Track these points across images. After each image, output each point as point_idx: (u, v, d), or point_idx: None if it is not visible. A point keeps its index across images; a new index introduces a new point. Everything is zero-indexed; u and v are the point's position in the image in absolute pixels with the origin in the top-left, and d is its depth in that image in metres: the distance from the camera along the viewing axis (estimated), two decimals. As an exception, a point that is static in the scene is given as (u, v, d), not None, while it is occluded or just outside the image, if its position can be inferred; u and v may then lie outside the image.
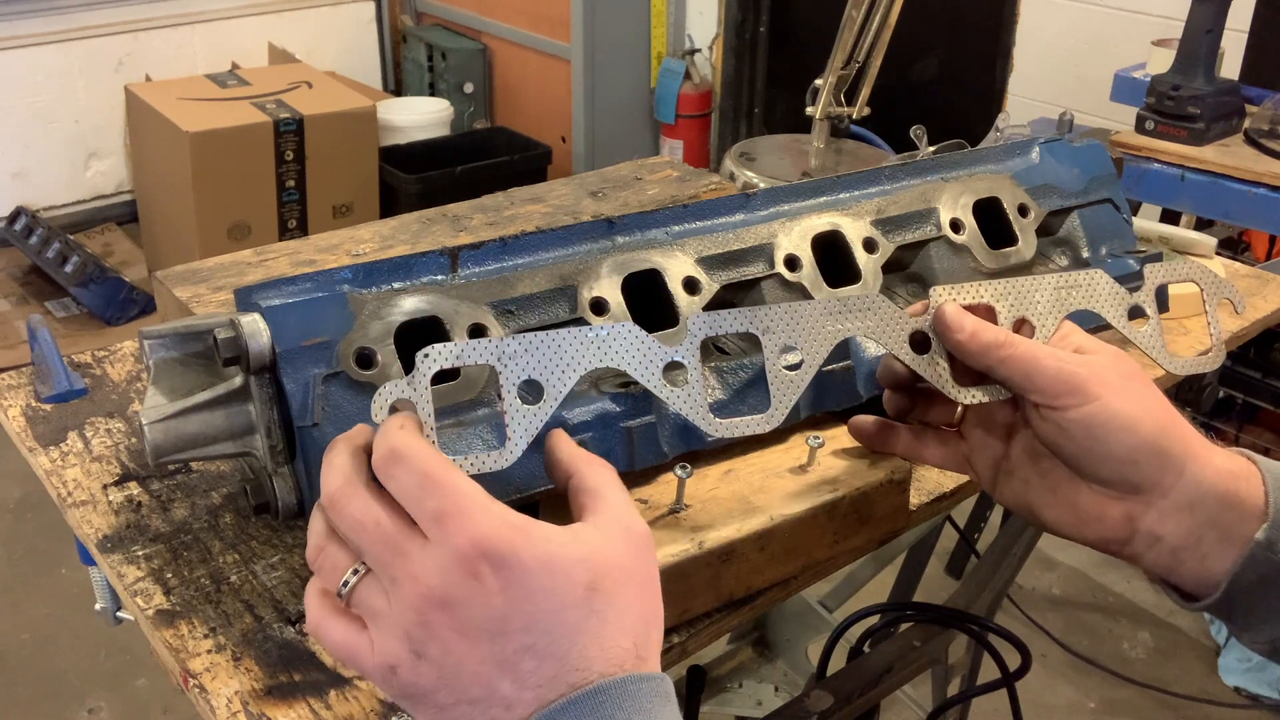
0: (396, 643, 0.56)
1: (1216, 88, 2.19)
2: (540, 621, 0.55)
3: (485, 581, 0.55)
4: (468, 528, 0.55)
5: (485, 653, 0.55)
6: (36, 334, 1.01)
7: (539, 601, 0.55)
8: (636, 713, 0.54)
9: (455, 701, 0.56)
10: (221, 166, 3.52)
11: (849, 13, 1.52)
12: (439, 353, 0.61)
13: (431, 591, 0.55)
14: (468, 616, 0.55)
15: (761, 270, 0.88)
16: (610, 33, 4.16)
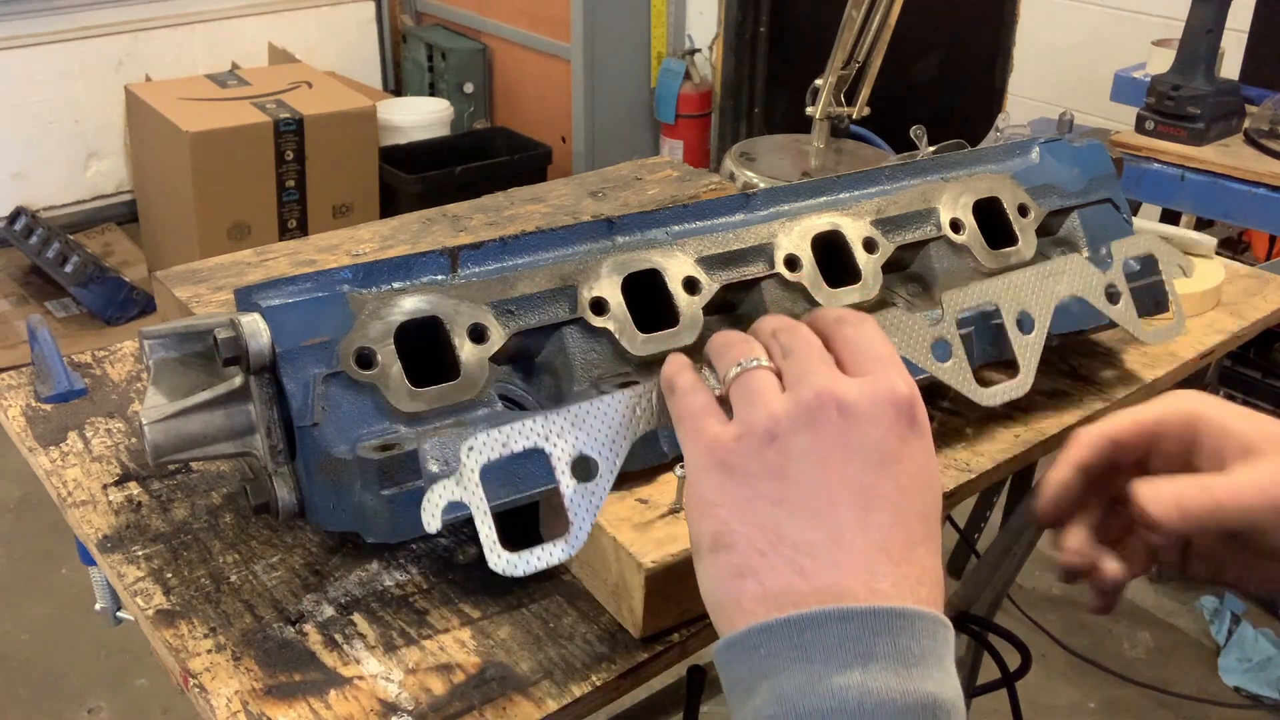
0: (760, 416, 0.54)
1: (1216, 88, 2.19)
2: (914, 491, 0.54)
3: (895, 423, 0.53)
4: (906, 381, 0.55)
5: (858, 474, 0.53)
6: (36, 334, 1.01)
7: (922, 477, 0.54)
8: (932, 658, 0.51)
9: (782, 497, 0.53)
10: (221, 166, 3.52)
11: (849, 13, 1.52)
12: (483, 444, 0.58)
13: (844, 394, 0.53)
14: (865, 431, 0.53)
15: (761, 270, 0.88)
16: (610, 33, 4.16)
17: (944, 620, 0.53)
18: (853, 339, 0.57)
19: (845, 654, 0.50)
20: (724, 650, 0.53)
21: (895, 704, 0.49)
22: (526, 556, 0.59)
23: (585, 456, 0.60)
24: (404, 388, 0.74)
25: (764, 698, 0.51)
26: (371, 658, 0.73)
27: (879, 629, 0.51)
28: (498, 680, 0.71)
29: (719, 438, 0.55)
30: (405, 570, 0.81)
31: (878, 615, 0.51)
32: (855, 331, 0.58)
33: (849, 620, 0.51)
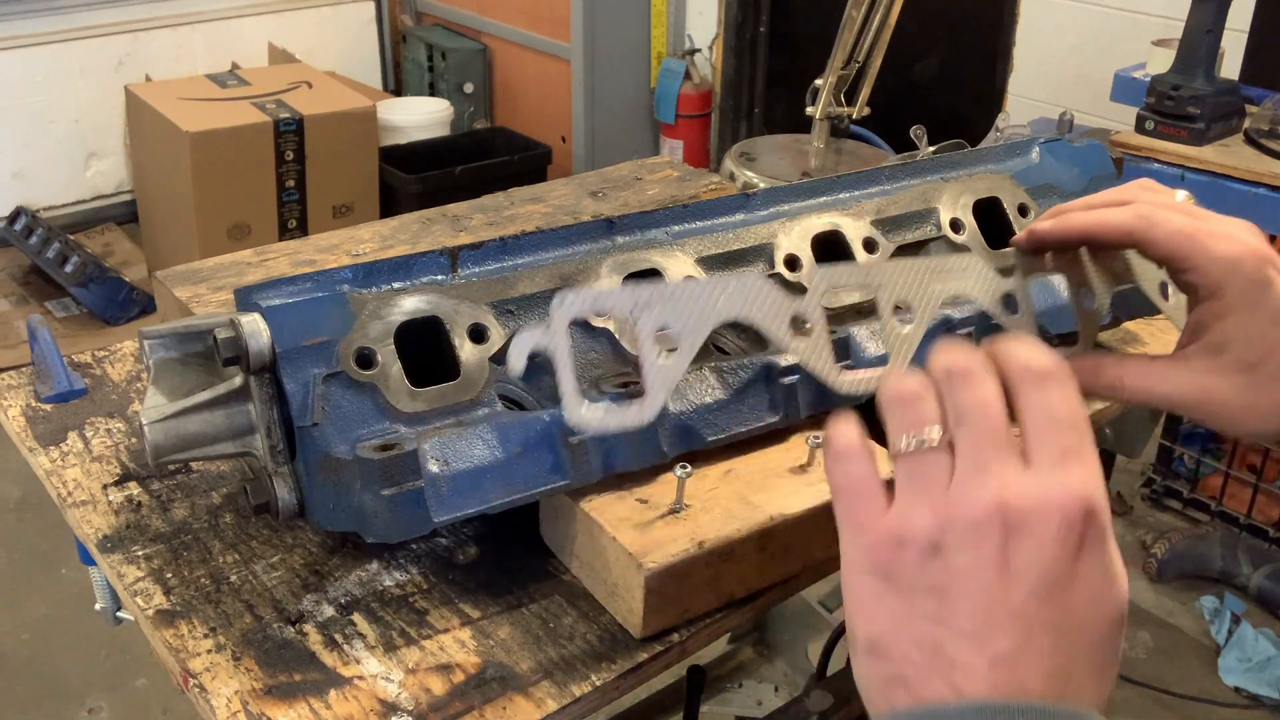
0: (924, 523, 0.51)
1: (1216, 88, 2.19)
2: (1080, 614, 0.50)
3: (1069, 535, 0.50)
4: (1090, 482, 0.50)
5: (1011, 597, 0.49)
6: (36, 334, 1.01)
7: (1093, 598, 0.51)
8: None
9: (939, 617, 0.50)
10: (221, 166, 3.52)
11: (849, 13, 1.52)
12: (574, 299, 0.59)
13: (1015, 505, 0.49)
14: (1032, 553, 0.49)
15: (761, 270, 0.88)
16: (610, 33, 4.16)
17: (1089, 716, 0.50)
18: (1043, 410, 0.52)
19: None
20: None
21: None
22: (602, 415, 0.61)
23: (668, 331, 0.62)
24: (404, 388, 0.74)
25: None
26: (371, 658, 0.73)
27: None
28: (498, 680, 0.71)
29: (877, 540, 0.52)
30: (405, 570, 0.81)
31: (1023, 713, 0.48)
32: (1047, 400, 0.53)
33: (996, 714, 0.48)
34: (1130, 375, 0.72)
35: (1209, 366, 0.70)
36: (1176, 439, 2.83)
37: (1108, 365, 0.73)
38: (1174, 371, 0.71)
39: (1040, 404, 0.52)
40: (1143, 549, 2.71)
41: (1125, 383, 0.72)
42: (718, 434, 0.82)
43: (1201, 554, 2.63)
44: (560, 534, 0.80)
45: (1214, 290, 0.70)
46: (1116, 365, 0.73)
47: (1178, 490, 2.84)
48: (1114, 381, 0.72)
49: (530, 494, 0.75)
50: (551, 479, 0.75)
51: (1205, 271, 0.69)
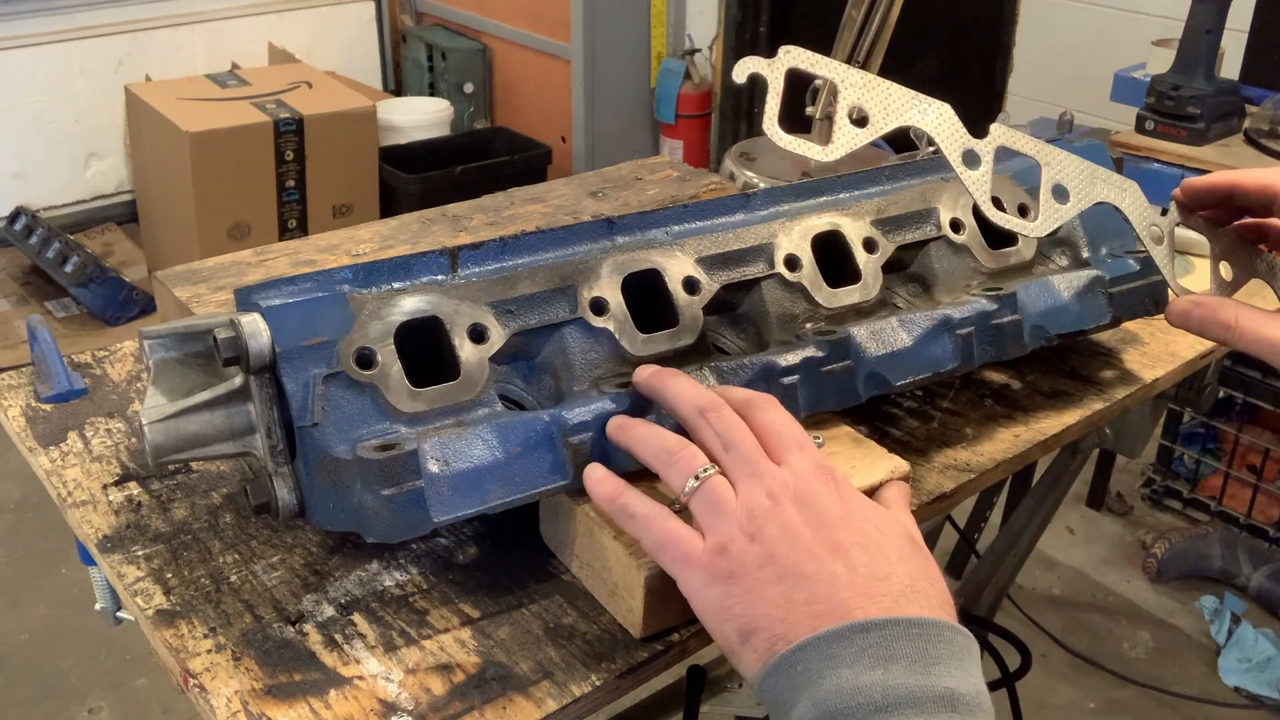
0: (733, 526, 0.64)
1: (1216, 88, 2.19)
2: (871, 531, 0.64)
3: (830, 489, 0.66)
4: (820, 457, 0.69)
5: (824, 535, 0.63)
6: (36, 334, 1.01)
7: (872, 520, 0.65)
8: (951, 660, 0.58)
9: (779, 577, 0.62)
10: (221, 166, 3.52)
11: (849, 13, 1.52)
12: (798, 51, 0.73)
13: (787, 483, 0.65)
14: (814, 506, 0.65)
15: (761, 270, 0.88)
16: (610, 33, 4.16)
17: (961, 630, 0.61)
18: (769, 425, 0.70)
19: (868, 659, 0.57)
20: (766, 677, 0.60)
21: (914, 696, 0.56)
22: (790, 140, 0.74)
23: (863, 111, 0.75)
24: (404, 388, 0.74)
25: (803, 706, 0.58)
26: (371, 658, 0.73)
27: (898, 636, 0.58)
28: (498, 680, 0.71)
29: (708, 557, 0.64)
30: (405, 570, 0.81)
31: (896, 624, 0.59)
32: (769, 417, 0.70)
33: (870, 630, 0.59)
34: (1245, 317, 0.80)
35: None
36: (1176, 439, 2.83)
37: (1228, 306, 0.80)
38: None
39: (764, 422, 0.70)
40: (1143, 549, 2.71)
41: (1240, 323, 0.79)
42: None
43: (1201, 554, 2.63)
44: (560, 534, 0.80)
45: None
46: (1235, 308, 0.80)
47: (1178, 490, 2.85)
48: (1230, 320, 0.79)
49: (530, 494, 0.75)
50: (551, 479, 0.75)
51: None
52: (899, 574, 0.62)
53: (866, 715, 0.56)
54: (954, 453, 0.94)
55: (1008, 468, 0.95)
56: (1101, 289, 0.98)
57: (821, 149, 0.73)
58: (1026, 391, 1.03)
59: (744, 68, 0.71)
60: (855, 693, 0.56)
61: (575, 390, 0.79)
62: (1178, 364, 1.08)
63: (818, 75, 0.72)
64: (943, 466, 0.92)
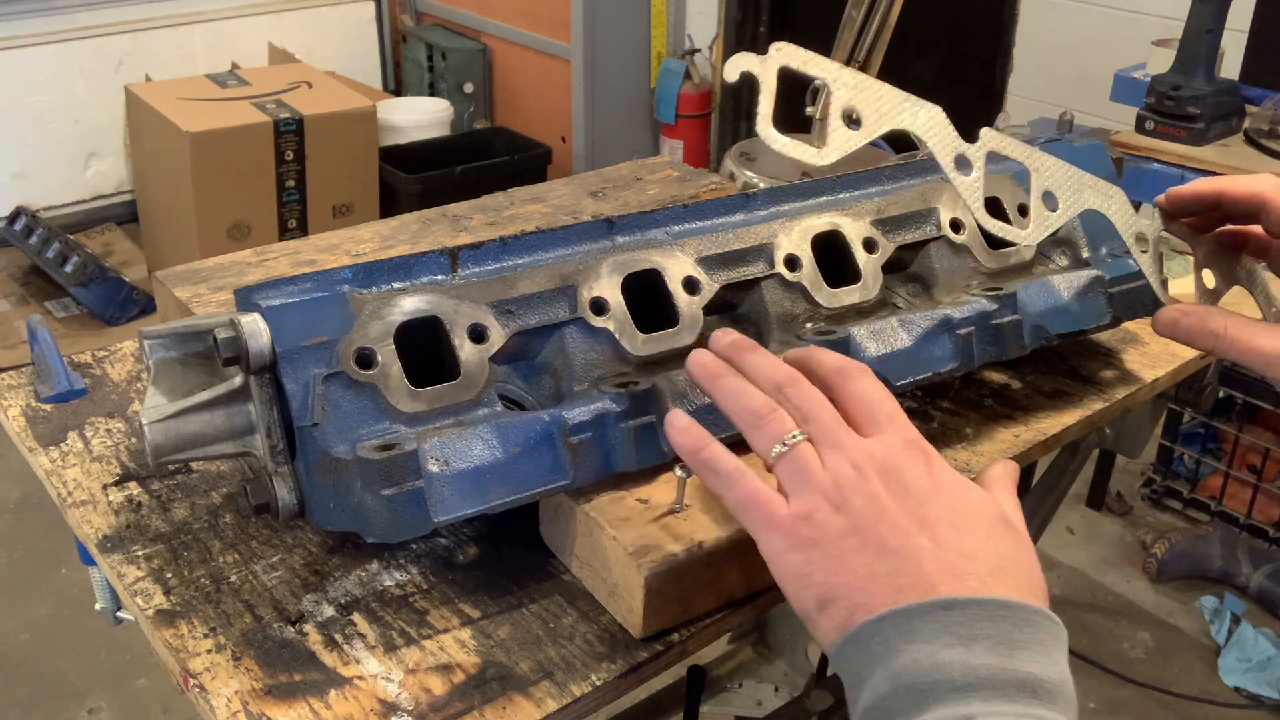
0: (819, 495, 0.63)
1: (1216, 88, 2.19)
2: (960, 507, 0.62)
3: (919, 464, 0.64)
4: (911, 430, 0.66)
5: (911, 509, 0.62)
6: (36, 334, 1.01)
7: (961, 494, 0.63)
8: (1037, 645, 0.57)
9: (862, 548, 0.60)
10: (221, 166, 3.52)
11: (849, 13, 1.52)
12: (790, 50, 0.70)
13: (874, 455, 0.64)
14: (900, 480, 0.63)
15: (761, 270, 0.88)
16: (610, 33, 4.16)
17: (1050, 616, 0.59)
18: (860, 395, 0.68)
19: (951, 636, 0.56)
20: (842, 646, 0.59)
21: (995, 679, 0.54)
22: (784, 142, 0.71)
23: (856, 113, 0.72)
24: (404, 388, 0.74)
25: (878, 678, 0.56)
26: (371, 658, 0.73)
27: (983, 616, 0.57)
28: (498, 680, 0.71)
29: (791, 523, 0.63)
30: (405, 570, 0.81)
31: (982, 604, 0.57)
32: (860, 386, 0.68)
33: (953, 608, 0.57)
34: (1234, 326, 0.79)
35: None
36: (1176, 439, 2.83)
37: (1216, 315, 0.80)
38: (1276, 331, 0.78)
39: (856, 391, 0.68)
40: (1143, 549, 2.71)
41: (1229, 332, 0.78)
42: (720, 433, 0.81)
43: (1201, 554, 2.63)
44: (560, 534, 0.80)
45: None
46: (1223, 317, 0.79)
47: (1178, 490, 2.84)
48: (1219, 329, 0.78)
49: (530, 494, 0.75)
50: (552, 479, 0.75)
51: None
52: (988, 553, 0.60)
53: (943, 694, 0.54)
54: (954, 453, 0.94)
55: (1008, 468, 0.95)
56: (1101, 289, 0.98)
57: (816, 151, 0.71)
58: (1026, 391, 1.03)
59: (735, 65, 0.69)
60: (934, 669, 0.55)
61: (575, 390, 0.79)
62: (1178, 364, 1.08)
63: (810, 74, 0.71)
64: (943, 466, 0.92)
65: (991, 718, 0.53)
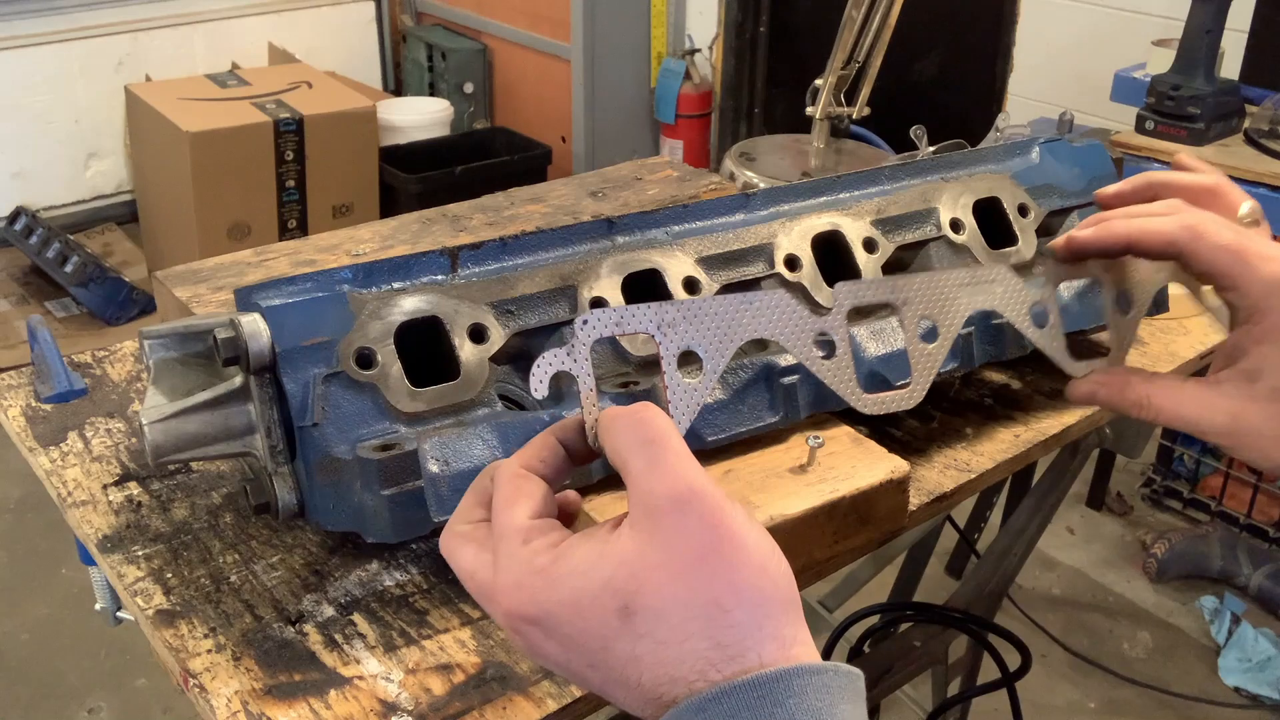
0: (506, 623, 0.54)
1: (1216, 88, 2.19)
2: (597, 664, 0.51)
3: (533, 640, 0.53)
4: (503, 600, 0.53)
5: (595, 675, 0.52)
6: (36, 334, 1.01)
7: (584, 647, 0.51)
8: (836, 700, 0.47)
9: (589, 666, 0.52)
10: (221, 166, 3.52)
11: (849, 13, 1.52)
12: (598, 320, 0.59)
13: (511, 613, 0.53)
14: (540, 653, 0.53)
15: (761, 270, 0.88)
16: (610, 33, 4.16)
17: (813, 668, 0.48)
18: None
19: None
20: None
21: None
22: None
23: (692, 351, 0.61)
24: (404, 388, 0.74)
25: None
26: (371, 658, 0.73)
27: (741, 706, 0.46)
28: (498, 680, 0.71)
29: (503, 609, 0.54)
30: (405, 570, 0.81)
31: (731, 692, 0.47)
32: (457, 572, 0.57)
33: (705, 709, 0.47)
34: (1159, 395, 0.71)
35: (1242, 393, 0.68)
36: (1176, 439, 2.83)
37: (1136, 383, 0.72)
38: (1205, 395, 0.70)
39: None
40: (1143, 549, 2.71)
41: (1153, 401, 0.71)
42: (718, 434, 0.82)
43: (1201, 554, 2.63)
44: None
45: (1255, 313, 0.68)
46: (1145, 384, 0.72)
47: (1178, 490, 2.85)
48: (1141, 400, 0.71)
49: (530, 494, 0.75)
50: (551, 479, 0.75)
51: (1248, 292, 0.68)
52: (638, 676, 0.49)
53: None
54: (954, 452, 0.94)
55: (1008, 468, 0.95)
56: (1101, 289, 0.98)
57: None
58: (1026, 391, 1.03)
59: (544, 372, 0.58)
60: None
61: (575, 390, 0.79)
62: (1178, 364, 1.08)
63: (627, 333, 0.60)
64: (943, 466, 0.92)
65: None
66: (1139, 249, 0.73)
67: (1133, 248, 0.74)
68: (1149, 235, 0.72)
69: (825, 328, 0.67)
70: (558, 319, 0.81)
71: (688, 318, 0.61)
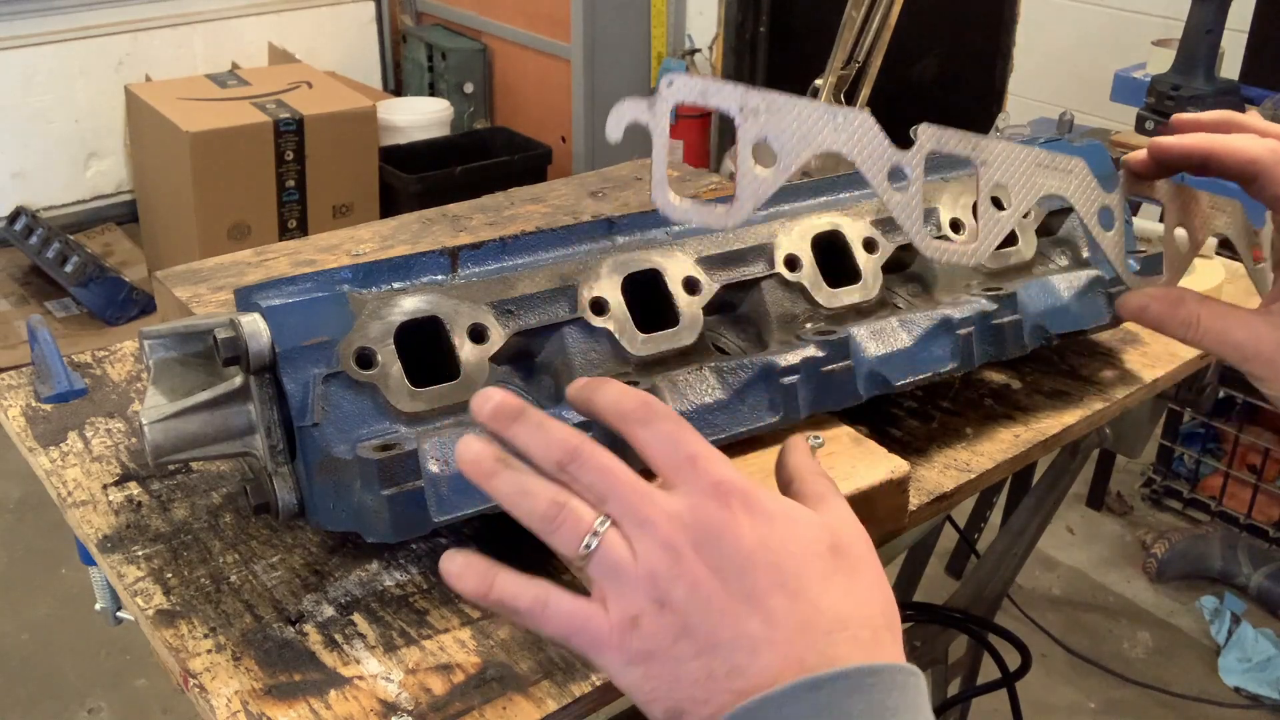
0: (640, 593, 0.55)
1: (1216, 88, 2.19)
2: (788, 561, 0.55)
3: (736, 512, 0.55)
4: (718, 468, 0.57)
5: (735, 586, 0.54)
6: (36, 334, 1.01)
7: (785, 540, 0.55)
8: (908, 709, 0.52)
9: (697, 652, 0.54)
10: (221, 166, 3.52)
11: (849, 13, 1.52)
12: (684, 83, 0.58)
13: (685, 522, 0.55)
14: (718, 549, 0.55)
15: (761, 270, 0.88)
16: (610, 33, 4.16)
17: (912, 670, 0.54)
18: (653, 441, 0.59)
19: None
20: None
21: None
22: (689, 207, 0.60)
23: (768, 144, 0.61)
24: (404, 388, 0.74)
25: None
26: (371, 658, 0.73)
27: (850, 689, 0.51)
28: (498, 680, 0.71)
29: (620, 636, 0.56)
30: (405, 570, 0.81)
31: (848, 676, 0.52)
32: (651, 432, 0.59)
33: (820, 688, 0.51)
34: (1208, 315, 0.71)
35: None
36: (1176, 439, 2.83)
37: (1189, 301, 0.72)
38: (1255, 321, 0.71)
39: (646, 438, 0.59)
40: (1143, 549, 2.71)
41: (1202, 322, 0.71)
42: (717, 434, 0.82)
43: (1201, 554, 2.63)
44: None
45: None
46: (1197, 304, 0.72)
47: (1178, 490, 2.85)
48: (1190, 318, 0.72)
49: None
50: (551, 479, 0.75)
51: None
52: (825, 615, 0.54)
53: None
54: (954, 453, 0.94)
55: (1008, 468, 0.95)
56: (1101, 289, 0.98)
57: (724, 211, 0.60)
58: (1026, 391, 1.03)
59: (620, 119, 0.58)
60: None
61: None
62: (1178, 364, 1.08)
63: (710, 105, 0.59)
64: (943, 466, 0.92)
65: None
66: (1219, 162, 0.73)
67: (1212, 160, 0.74)
68: (1233, 151, 0.72)
69: (902, 162, 0.66)
70: (558, 319, 0.81)
71: (771, 109, 0.61)
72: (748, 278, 0.88)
